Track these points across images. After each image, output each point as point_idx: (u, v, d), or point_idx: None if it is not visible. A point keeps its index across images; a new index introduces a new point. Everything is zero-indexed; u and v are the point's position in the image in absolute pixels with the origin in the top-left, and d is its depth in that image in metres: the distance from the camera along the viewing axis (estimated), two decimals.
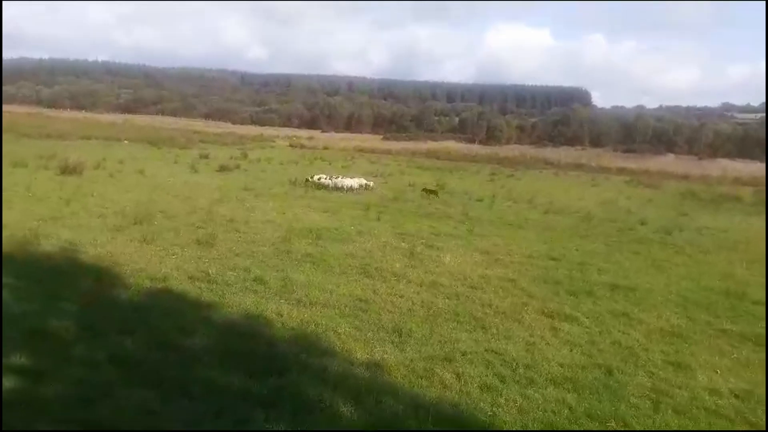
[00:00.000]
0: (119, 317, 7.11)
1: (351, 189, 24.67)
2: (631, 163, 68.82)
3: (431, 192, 24.92)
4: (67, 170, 21.63)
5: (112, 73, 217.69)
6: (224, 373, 5.84)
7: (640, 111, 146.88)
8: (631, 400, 6.17)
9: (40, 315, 6.92)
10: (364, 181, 26.38)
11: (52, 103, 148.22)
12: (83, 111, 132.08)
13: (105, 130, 60.04)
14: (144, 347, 6.28)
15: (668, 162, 78.31)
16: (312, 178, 25.93)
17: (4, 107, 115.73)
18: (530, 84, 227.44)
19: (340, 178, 25.83)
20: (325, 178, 25.76)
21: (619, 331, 8.47)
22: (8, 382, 5.21)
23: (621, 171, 56.52)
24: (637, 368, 7.08)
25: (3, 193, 15.44)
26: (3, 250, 9.42)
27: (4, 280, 8.06)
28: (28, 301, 7.40)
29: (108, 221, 13.12)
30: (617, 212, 23.90)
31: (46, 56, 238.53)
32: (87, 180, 20.55)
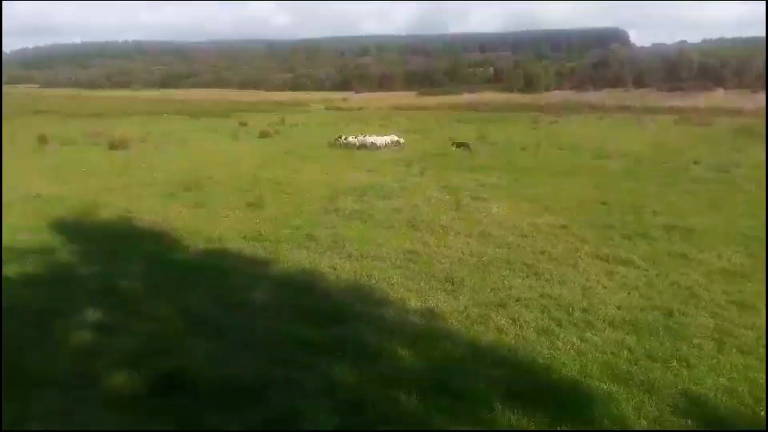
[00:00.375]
0: (180, 276, 7.37)
1: (380, 146, 24.27)
2: (678, 101, 65.81)
3: (461, 144, 24.33)
4: (114, 145, 22.28)
5: (143, 51, 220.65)
6: (285, 324, 6.00)
7: (682, 46, 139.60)
8: (694, 341, 5.99)
9: (106, 275, 7.24)
10: (395, 138, 26.05)
11: (90, 84, 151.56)
12: (120, 89, 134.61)
13: (144, 105, 61.27)
14: (206, 303, 6.50)
15: (718, 97, 74.57)
16: (340, 138, 25.67)
17: (47, 90, 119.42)
18: (564, 28, 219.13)
19: (367, 137, 25.45)
20: (352, 138, 25.31)
21: (677, 272, 8.23)
22: (84, 335, 5.49)
23: (668, 110, 54.34)
24: (699, 309, 6.87)
25: (59, 170, 16.06)
26: (67, 220, 9.88)
27: (71, 246, 8.46)
28: (94, 263, 7.74)
29: (159, 189, 13.49)
30: (668, 153, 23.04)
31: (77, 41, 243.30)
32: (134, 153, 21.08)
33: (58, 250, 8.26)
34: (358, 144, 24.56)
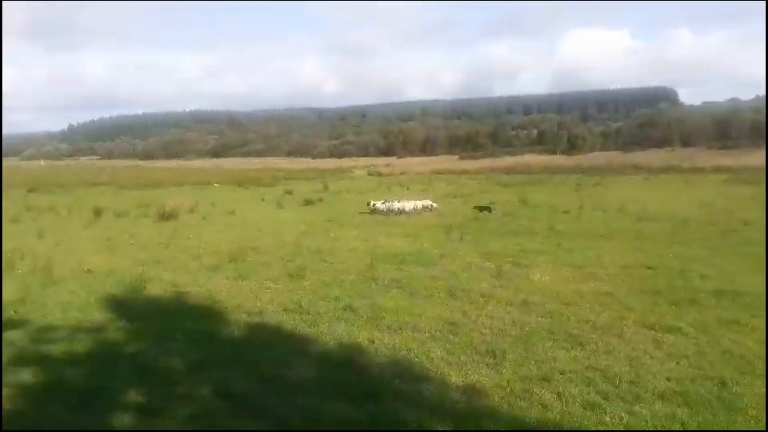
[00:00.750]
0: (221, 352, 7.49)
1: (410, 212, 24.43)
2: (728, 160, 64.41)
3: (484, 208, 24.30)
4: (164, 216, 23.18)
5: (200, 120, 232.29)
6: (323, 401, 5.98)
7: (734, 104, 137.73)
8: (750, 412, 5.74)
9: (150, 354, 7.43)
10: (428, 202, 26.24)
11: (148, 155, 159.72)
12: (175, 159, 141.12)
13: (195, 175, 63.89)
14: (246, 380, 6.56)
15: None
16: (370, 204, 26.05)
17: (107, 163, 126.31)
18: (611, 88, 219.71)
19: (395, 202, 25.70)
20: (380, 204, 25.62)
21: (729, 339, 7.91)
22: (125, 419, 5.62)
23: (717, 169, 53.19)
24: (754, 378, 6.56)
25: (111, 242, 16.78)
26: (116, 296, 10.26)
27: (118, 321, 8.75)
28: (140, 341, 7.96)
29: (204, 261, 13.88)
30: (717, 214, 22.48)
31: (140, 112, 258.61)
32: (183, 224, 21.86)
33: (106, 327, 8.51)
34: (385, 210, 24.82)
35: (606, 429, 5.47)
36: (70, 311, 9.34)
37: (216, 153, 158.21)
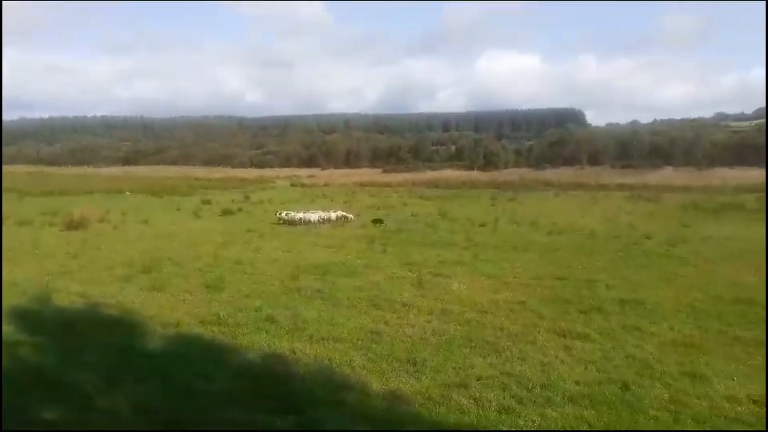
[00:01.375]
0: (136, 365, 7.17)
1: (314, 222, 24.95)
2: (630, 178, 69.07)
3: (378, 221, 25.62)
4: (72, 225, 21.89)
5: (111, 126, 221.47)
6: (244, 413, 5.86)
7: (634, 126, 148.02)
8: (650, 413, 6.16)
9: (58, 368, 6.98)
10: (341, 213, 26.96)
11: (54, 161, 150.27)
12: (84, 166, 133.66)
13: (106, 183, 60.81)
14: (163, 394, 6.31)
15: (667, 175, 78.56)
16: (279, 214, 26.43)
17: (8, 167, 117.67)
18: (524, 108, 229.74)
19: (307, 213, 26.12)
20: (293, 214, 25.99)
21: (632, 345, 8.47)
22: None
23: (621, 187, 56.80)
24: (654, 381, 7.06)
25: (12, 252, 15.64)
26: (19, 308, 9.57)
27: (21, 336, 8.17)
28: (46, 354, 7.47)
29: (116, 272, 13.23)
30: (620, 228, 23.95)
31: (46, 115, 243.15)
32: (92, 233, 20.74)
33: (9, 342, 7.91)
34: (290, 220, 25.22)
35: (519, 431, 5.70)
36: None
37: (128, 160, 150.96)
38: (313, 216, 25.51)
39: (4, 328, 8.58)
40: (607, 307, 10.59)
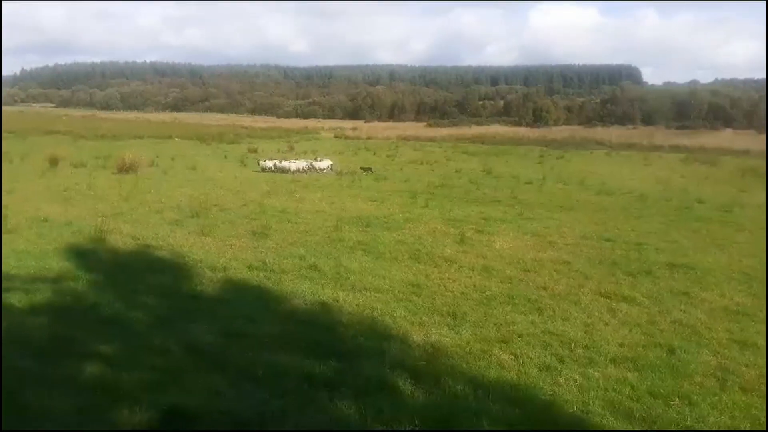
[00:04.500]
0: (185, 306, 7.44)
1: (294, 171, 25.72)
2: (686, 140, 65.95)
3: (366, 169, 26.20)
4: (123, 168, 22.57)
5: (160, 73, 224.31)
6: (287, 356, 6.03)
7: (693, 86, 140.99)
8: (696, 378, 6.03)
9: (112, 305, 7.31)
10: (329, 163, 27.80)
11: (105, 105, 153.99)
12: (134, 111, 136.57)
13: (156, 128, 62.02)
14: (211, 334, 6.54)
15: (726, 137, 74.68)
16: (261, 162, 27.39)
17: (62, 110, 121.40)
18: (577, 63, 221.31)
19: (284, 162, 27.15)
20: (269, 161, 27.07)
21: (679, 310, 8.27)
22: (88, 368, 5.54)
23: (675, 148, 54.44)
24: (701, 347, 6.90)
25: (67, 192, 16.28)
26: (75, 246, 10.01)
27: (78, 272, 8.56)
28: (101, 292, 7.82)
29: (166, 216, 13.63)
30: (673, 191, 23.17)
31: (98, 60, 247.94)
32: (142, 177, 21.34)
33: (65, 278, 8.32)
34: (274, 168, 26.18)
35: (560, 390, 5.68)
36: (27, 260, 9.08)
37: (176, 107, 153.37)
38: (293, 165, 26.48)
39: (62, 263, 9.01)
40: (656, 270, 10.34)
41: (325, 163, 27.47)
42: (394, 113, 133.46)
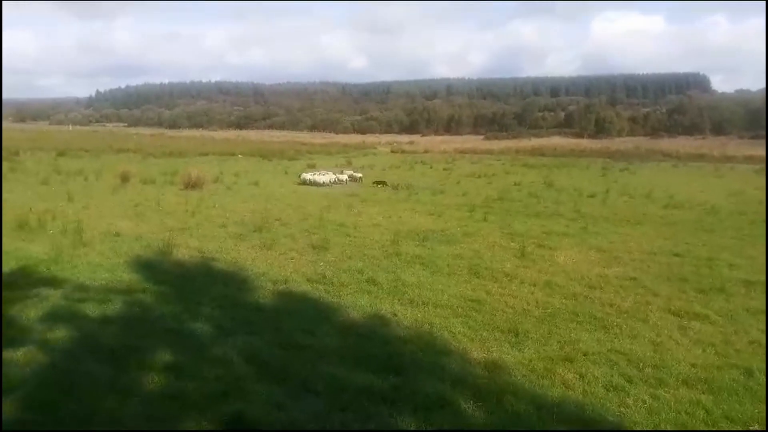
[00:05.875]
0: (247, 318, 7.61)
1: (324, 184, 26.55)
2: (761, 150, 62.64)
3: (380, 183, 26.33)
4: (189, 185, 23.40)
5: (224, 92, 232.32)
6: (346, 370, 6.05)
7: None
8: None
9: (178, 316, 7.57)
10: (354, 174, 29.73)
11: (173, 124, 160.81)
12: (199, 129, 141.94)
13: (220, 146, 64.19)
14: (271, 346, 6.65)
15: None
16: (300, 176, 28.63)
17: (133, 129, 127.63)
18: (641, 72, 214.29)
19: (318, 174, 28.31)
20: (307, 174, 28.40)
21: (757, 329, 7.82)
22: (154, 377, 5.75)
23: (748, 159, 51.82)
24: None
25: (138, 208, 17.03)
26: (144, 259, 10.45)
27: (147, 284, 8.93)
28: (167, 303, 8.11)
29: (230, 230, 14.03)
30: (747, 204, 22.01)
31: (166, 81, 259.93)
32: (208, 193, 22.06)
33: (135, 289, 8.68)
34: (310, 181, 27.30)
35: (629, 411, 5.45)
36: (100, 272, 9.53)
37: (239, 125, 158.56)
38: (323, 178, 27.36)
39: (132, 275, 9.42)
40: (730, 287, 9.82)
41: (344, 176, 29.34)
42: (451, 127, 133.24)
